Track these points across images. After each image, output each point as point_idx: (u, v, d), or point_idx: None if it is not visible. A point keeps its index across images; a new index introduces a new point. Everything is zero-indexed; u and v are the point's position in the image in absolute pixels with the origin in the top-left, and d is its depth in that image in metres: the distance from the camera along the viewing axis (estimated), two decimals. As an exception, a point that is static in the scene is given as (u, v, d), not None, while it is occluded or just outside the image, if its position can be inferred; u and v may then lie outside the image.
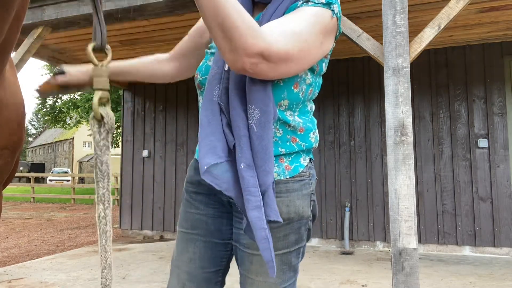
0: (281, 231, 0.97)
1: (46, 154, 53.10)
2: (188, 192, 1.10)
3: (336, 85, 5.04)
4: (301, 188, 0.99)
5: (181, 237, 1.09)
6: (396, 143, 2.19)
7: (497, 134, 4.38)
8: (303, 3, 0.93)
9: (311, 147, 1.02)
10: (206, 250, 1.06)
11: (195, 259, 1.06)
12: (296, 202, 0.98)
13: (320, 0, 0.92)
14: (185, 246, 1.07)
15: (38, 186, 15.15)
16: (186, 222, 1.08)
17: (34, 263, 4.22)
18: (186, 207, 1.10)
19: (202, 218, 1.06)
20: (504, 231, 4.27)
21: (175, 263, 1.09)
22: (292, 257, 1.00)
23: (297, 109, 1.00)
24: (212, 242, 1.06)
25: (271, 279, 0.97)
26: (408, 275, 2.11)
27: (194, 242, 1.06)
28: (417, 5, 3.42)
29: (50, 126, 20.14)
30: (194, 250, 1.06)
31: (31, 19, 3.38)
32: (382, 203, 4.73)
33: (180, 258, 1.07)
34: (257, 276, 0.98)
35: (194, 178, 1.09)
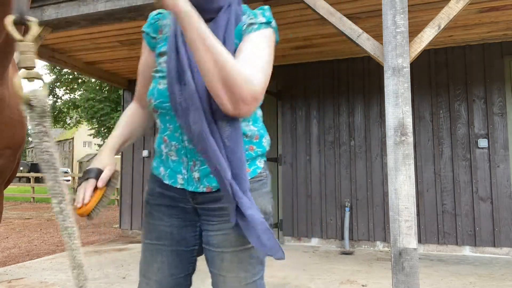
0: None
1: (46, 154, 53.00)
2: (150, 205, 1.13)
3: (336, 85, 5.04)
4: (261, 187, 1.09)
5: (147, 248, 1.13)
6: (396, 143, 2.19)
7: (497, 134, 4.38)
8: (249, 28, 1.02)
9: (265, 151, 1.12)
10: (174, 258, 1.11)
11: (163, 268, 1.10)
12: (258, 200, 1.05)
13: (261, 20, 1.03)
14: (152, 257, 1.11)
15: (38, 186, 15.14)
16: (151, 234, 1.12)
17: (34, 263, 4.22)
18: (149, 219, 1.13)
19: (166, 229, 1.10)
20: (504, 231, 4.27)
21: (144, 274, 1.13)
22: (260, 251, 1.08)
23: (251, 118, 1.08)
24: (179, 250, 1.11)
25: (242, 273, 1.05)
26: (408, 275, 2.11)
27: (161, 252, 1.10)
28: (417, 5, 3.43)
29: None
30: (162, 260, 1.10)
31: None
32: (382, 203, 4.73)
33: (148, 268, 1.11)
34: (229, 273, 1.05)
35: (156, 190, 1.13)
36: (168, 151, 1.08)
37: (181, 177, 1.07)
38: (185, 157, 1.05)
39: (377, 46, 2.33)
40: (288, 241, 5.09)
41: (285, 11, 3.58)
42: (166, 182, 1.09)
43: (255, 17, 1.05)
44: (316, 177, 5.03)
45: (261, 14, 1.05)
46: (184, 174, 1.06)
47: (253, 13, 1.07)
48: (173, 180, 1.08)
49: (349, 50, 4.75)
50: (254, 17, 1.05)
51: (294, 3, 3.07)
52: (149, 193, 1.15)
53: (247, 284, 1.05)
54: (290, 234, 5.08)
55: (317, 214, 4.98)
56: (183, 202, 1.09)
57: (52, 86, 17.58)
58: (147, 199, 1.15)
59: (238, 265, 1.05)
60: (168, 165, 1.09)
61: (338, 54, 4.90)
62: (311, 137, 5.11)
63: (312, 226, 4.99)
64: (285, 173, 5.16)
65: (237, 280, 1.05)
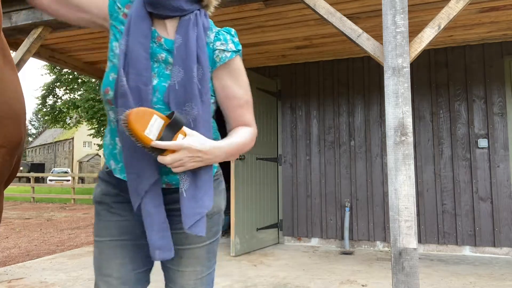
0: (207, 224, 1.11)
1: (46, 154, 53.09)
2: (106, 203, 1.13)
3: (336, 85, 5.04)
4: (217, 186, 1.17)
5: (106, 246, 1.11)
6: (396, 143, 2.19)
7: (497, 134, 4.38)
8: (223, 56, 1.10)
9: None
10: (136, 253, 1.12)
11: (126, 263, 1.11)
12: (216, 199, 1.13)
13: (231, 48, 1.11)
14: (113, 253, 1.10)
15: (38, 186, 15.15)
16: (111, 231, 1.11)
17: (34, 263, 4.22)
18: (107, 217, 1.12)
19: (129, 223, 1.11)
20: (504, 231, 4.27)
21: (102, 272, 1.11)
22: (215, 246, 1.16)
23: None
24: (140, 244, 1.13)
25: (199, 267, 1.12)
26: (408, 275, 2.11)
27: (123, 248, 1.11)
28: (417, 5, 3.42)
29: (50, 126, 20.13)
30: (123, 255, 1.11)
31: (31, 19, 3.38)
32: (382, 203, 4.73)
33: (109, 266, 1.11)
34: (187, 267, 1.11)
35: (111, 191, 1.13)
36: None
37: None
38: None
39: (377, 46, 2.33)
40: (288, 241, 5.10)
41: (285, 11, 3.58)
42: (117, 175, 1.09)
43: (226, 42, 1.11)
44: (316, 177, 5.03)
45: (231, 40, 1.12)
46: None
47: (223, 37, 1.12)
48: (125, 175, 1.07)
49: (349, 50, 4.76)
50: (225, 43, 1.11)
51: (294, 3, 3.07)
52: (102, 193, 1.14)
53: (203, 277, 1.13)
54: (290, 234, 5.08)
55: (317, 214, 4.98)
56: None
57: (52, 86, 17.58)
58: (101, 199, 1.14)
59: (196, 260, 1.11)
60: (121, 159, 1.08)
61: (338, 54, 4.90)
62: (311, 137, 5.11)
63: (312, 226, 4.99)
64: (285, 173, 5.17)
65: (194, 274, 1.12)
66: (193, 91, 1.03)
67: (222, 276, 3.55)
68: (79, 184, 15.97)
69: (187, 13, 1.10)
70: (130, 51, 1.03)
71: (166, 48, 1.08)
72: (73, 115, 19.08)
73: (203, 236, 1.03)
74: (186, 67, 1.04)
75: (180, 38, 1.07)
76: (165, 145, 0.94)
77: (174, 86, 1.03)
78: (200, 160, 0.99)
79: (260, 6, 3.40)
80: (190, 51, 1.05)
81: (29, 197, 14.47)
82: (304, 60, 5.16)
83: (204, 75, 1.06)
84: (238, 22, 3.84)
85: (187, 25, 1.08)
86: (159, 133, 0.95)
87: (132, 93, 1.00)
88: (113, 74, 1.06)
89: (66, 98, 17.81)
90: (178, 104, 1.03)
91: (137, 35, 1.05)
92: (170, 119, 0.96)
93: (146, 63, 1.03)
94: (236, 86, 1.13)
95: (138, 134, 0.93)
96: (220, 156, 1.03)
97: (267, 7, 3.42)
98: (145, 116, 0.94)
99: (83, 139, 43.25)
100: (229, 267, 3.90)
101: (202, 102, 1.05)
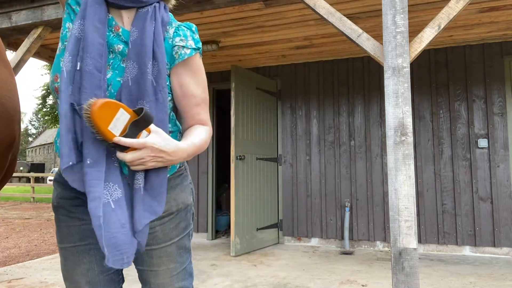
0: (173, 221, 1.09)
1: (46, 154, 53.09)
2: (64, 208, 1.08)
3: (336, 85, 5.04)
4: (182, 181, 1.14)
5: (70, 252, 1.07)
6: (396, 143, 2.19)
7: (497, 134, 4.38)
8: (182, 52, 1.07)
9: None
10: (102, 256, 1.07)
11: (93, 267, 1.07)
12: (181, 195, 1.12)
13: (191, 45, 1.08)
14: (78, 259, 1.06)
15: (38, 186, 15.14)
16: (72, 236, 1.06)
17: (34, 263, 4.22)
18: (67, 222, 1.07)
19: (90, 227, 1.06)
20: (504, 231, 4.27)
21: (70, 279, 1.08)
22: (185, 241, 1.14)
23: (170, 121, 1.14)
24: None
25: (172, 264, 1.10)
26: (408, 275, 2.11)
27: (87, 252, 1.06)
28: (417, 5, 3.43)
29: (50, 126, 20.13)
30: (89, 259, 1.07)
31: (31, 19, 3.38)
32: (382, 203, 4.73)
33: (75, 272, 1.07)
34: (159, 267, 1.09)
35: (68, 194, 1.07)
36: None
37: None
38: None
39: (377, 46, 2.33)
40: (288, 241, 5.10)
41: (285, 11, 3.58)
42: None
43: (186, 39, 1.07)
44: (316, 177, 5.03)
45: (191, 37, 1.08)
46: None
47: (183, 32, 1.08)
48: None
49: (349, 50, 4.76)
50: (184, 39, 1.07)
51: (294, 3, 3.07)
52: (59, 197, 1.09)
53: (178, 273, 1.11)
54: (290, 234, 5.08)
55: (317, 214, 4.98)
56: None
57: (52, 86, 17.58)
58: (59, 204, 1.08)
59: (167, 258, 1.09)
60: None
61: (338, 54, 4.90)
62: (311, 137, 5.11)
63: (312, 226, 4.99)
64: (285, 173, 5.17)
65: (168, 272, 1.09)
66: (147, 88, 0.98)
67: (222, 276, 3.55)
68: (79, 184, 15.93)
69: (145, 5, 1.05)
70: (85, 36, 0.97)
71: (124, 40, 1.03)
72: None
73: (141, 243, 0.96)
74: (140, 62, 0.99)
75: (136, 31, 1.02)
76: (129, 142, 0.90)
77: (127, 82, 0.98)
78: (161, 160, 0.95)
79: (260, 6, 3.40)
80: (145, 46, 1.00)
81: (29, 197, 14.47)
82: (304, 60, 5.16)
83: (160, 71, 1.01)
84: (238, 22, 3.84)
85: (144, 18, 1.03)
86: (124, 129, 0.90)
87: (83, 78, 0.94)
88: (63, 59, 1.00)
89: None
90: (131, 101, 0.98)
91: (93, 19, 0.99)
92: (137, 114, 0.92)
93: (101, 48, 0.97)
94: (194, 84, 1.10)
95: (101, 128, 0.86)
96: (182, 157, 1.00)
97: (267, 7, 3.42)
98: (110, 108, 0.87)
99: (83, 139, 43.18)
100: (229, 267, 3.90)
101: (156, 100, 1.00)
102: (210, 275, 3.59)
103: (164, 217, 1.07)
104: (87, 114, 0.86)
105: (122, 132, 0.90)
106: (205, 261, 4.16)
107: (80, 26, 0.99)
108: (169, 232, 1.08)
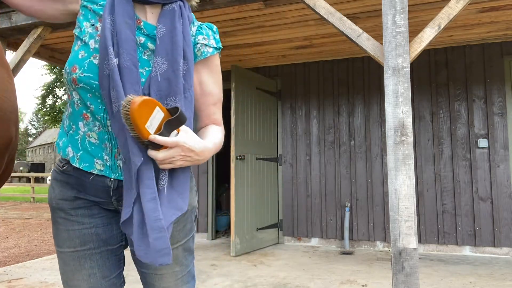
0: (180, 223, 1.07)
1: (46, 154, 53.08)
2: (63, 210, 1.04)
3: (336, 85, 5.04)
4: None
5: (70, 257, 1.04)
6: (396, 143, 2.19)
7: (497, 134, 4.38)
8: (205, 50, 1.09)
9: None
10: (104, 260, 1.06)
11: (94, 273, 1.05)
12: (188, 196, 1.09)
13: (213, 44, 1.10)
14: (79, 264, 1.04)
15: (38, 186, 15.14)
16: (72, 241, 1.04)
17: (34, 263, 4.22)
18: (66, 226, 1.04)
19: (90, 231, 1.04)
20: (504, 231, 4.27)
21: (72, 284, 1.05)
22: (190, 243, 1.12)
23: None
24: (108, 250, 1.07)
25: (177, 268, 1.07)
26: (408, 275, 2.11)
27: (88, 257, 1.04)
28: (417, 5, 3.43)
29: (50, 126, 20.13)
30: (91, 265, 1.05)
31: (31, 19, 3.38)
32: (382, 203, 4.73)
33: (76, 277, 1.04)
34: (166, 269, 1.06)
35: (68, 194, 1.04)
36: (88, 131, 1.00)
37: (101, 162, 1.00)
38: (108, 143, 1.00)
39: (377, 46, 2.33)
40: (288, 241, 5.10)
41: (285, 11, 3.58)
42: (75, 165, 1.01)
43: (208, 37, 1.09)
44: (316, 177, 5.03)
45: (212, 37, 1.10)
46: (107, 161, 1.00)
47: (205, 32, 1.10)
48: (87, 165, 1.01)
49: (349, 50, 4.76)
50: (207, 38, 1.09)
51: (294, 3, 3.07)
52: (58, 198, 1.05)
53: (183, 276, 1.09)
54: (290, 234, 5.08)
55: (317, 214, 4.98)
56: (103, 203, 1.05)
57: (52, 86, 17.59)
58: (57, 205, 1.05)
59: (174, 261, 1.06)
60: (83, 146, 1.01)
61: (338, 54, 4.90)
62: (311, 137, 5.11)
63: (312, 226, 4.99)
64: (285, 173, 5.17)
65: (173, 275, 1.07)
66: (178, 85, 0.99)
67: (222, 276, 3.55)
68: (79, 184, 15.92)
69: (170, 3, 1.05)
70: (119, 31, 0.97)
71: (146, 33, 1.03)
72: (73, 115, 19.05)
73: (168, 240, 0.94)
74: (171, 59, 0.99)
75: (164, 28, 1.02)
76: (163, 141, 0.88)
77: (156, 77, 0.98)
78: (190, 160, 0.94)
79: (260, 6, 3.40)
80: (176, 43, 1.00)
81: (29, 197, 14.47)
82: (304, 60, 5.16)
83: (189, 70, 1.02)
84: (238, 22, 3.84)
85: (173, 16, 1.03)
86: (158, 127, 0.90)
87: (123, 74, 0.94)
88: (83, 53, 0.99)
89: (66, 98, 17.80)
90: (160, 96, 0.98)
91: (123, 15, 0.99)
92: (171, 113, 0.92)
93: (134, 44, 0.98)
94: (213, 83, 1.11)
95: (139, 126, 0.86)
96: (207, 157, 1.00)
97: (267, 7, 3.42)
98: (148, 106, 0.87)
99: (83, 139, 43.20)
100: (229, 267, 3.90)
101: (185, 98, 1.01)
102: (210, 275, 3.59)
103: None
104: (126, 111, 0.85)
105: (156, 130, 0.90)
106: (205, 261, 4.16)
107: (111, 22, 0.99)
108: (176, 235, 1.06)
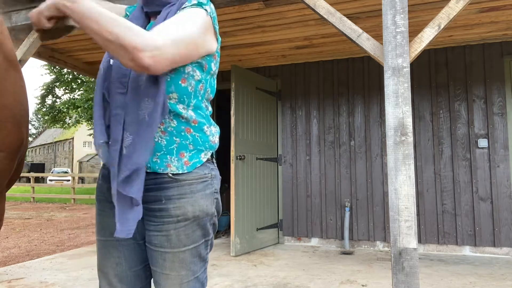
0: (189, 228, 1.08)
1: (46, 154, 53.08)
2: (100, 202, 1.16)
3: (336, 85, 5.04)
4: (204, 189, 1.11)
5: (102, 245, 1.15)
6: (396, 143, 2.19)
7: (497, 134, 4.38)
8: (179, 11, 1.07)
9: (207, 140, 1.13)
10: (130, 252, 1.13)
11: (121, 262, 1.13)
12: (201, 202, 1.09)
13: (193, 2, 1.07)
14: (108, 252, 1.13)
15: (38, 186, 15.15)
16: (104, 231, 1.14)
17: (34, 263, 4.22)
18: (101, 216, 1.15)
19: None
20: (504, 231, 4.27)
21: (102, 270, 1.15)
22: (201, 250, 1.11)
23: (191, 104, 1.09)
24: (135, 243, 1.14)
25: (184, 271, 1.08)
26: (408, 275, 2.11)
27: (116, 248, 1.13)
28: (417, 5, 3.43)
29: (49, 126, 20.11)
30: (118, 255, 1.13)
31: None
32: (382, 203, 4.73)
33: (105, 264, 1.14)
34: (171, 271, 1.08)
35: (104, 185, 1.15)
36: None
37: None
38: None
39: (377, 46, 2.33)
40: (288, 241, 5.10)
41: (285, 11, 3.58)
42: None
43: (189, 2, 1.09)
44: (316, 177, 5.03)
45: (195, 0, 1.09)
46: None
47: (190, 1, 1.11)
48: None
49: (349, 50, 4.76)
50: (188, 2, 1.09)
51: (294, 3, 3.07)
52: (98, 189, 1.17)
53: (189, 281, 1.10)
54: (290, 234, 5.08)
55: (317, 214, 4.98)
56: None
57: (51, 86, 17.58)
58: (97, 196, 1.17)
59: (180, 264, 1.08)
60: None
61: (338, 54, 4.90)
62: (311, 137, 5.11)
63: (312, 226, 4.99)
64: (285, 173, 5.17)
65: (179, 278, 1.08)
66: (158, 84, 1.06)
67: (222, 276, 3.55)
68: (79, 184, 15.95)
69: (170, 5, 1.13)
70: None
71: None
72: (73, 115, 19.06)
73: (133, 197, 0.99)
74: None
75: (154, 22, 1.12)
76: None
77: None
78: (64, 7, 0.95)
79: (260, 6, 3.40)
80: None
81: (29, 197, 14.47)
82: (304, 60, 5.16)
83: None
84: (238, 22, 3.84)
85: (166, 14, 1.10)
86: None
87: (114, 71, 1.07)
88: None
89: (65, 98, 17.80)
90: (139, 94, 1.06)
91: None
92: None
93: None
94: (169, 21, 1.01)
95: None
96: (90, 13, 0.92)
97: (267, 7, 3.42)
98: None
99: (83, 139, 43.26)
100: (229, 267, 3.90)
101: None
102: (210, 275, 3.59)
103: (179, 222, 1.06)
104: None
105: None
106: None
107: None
108: (183, 238, 1.07)
